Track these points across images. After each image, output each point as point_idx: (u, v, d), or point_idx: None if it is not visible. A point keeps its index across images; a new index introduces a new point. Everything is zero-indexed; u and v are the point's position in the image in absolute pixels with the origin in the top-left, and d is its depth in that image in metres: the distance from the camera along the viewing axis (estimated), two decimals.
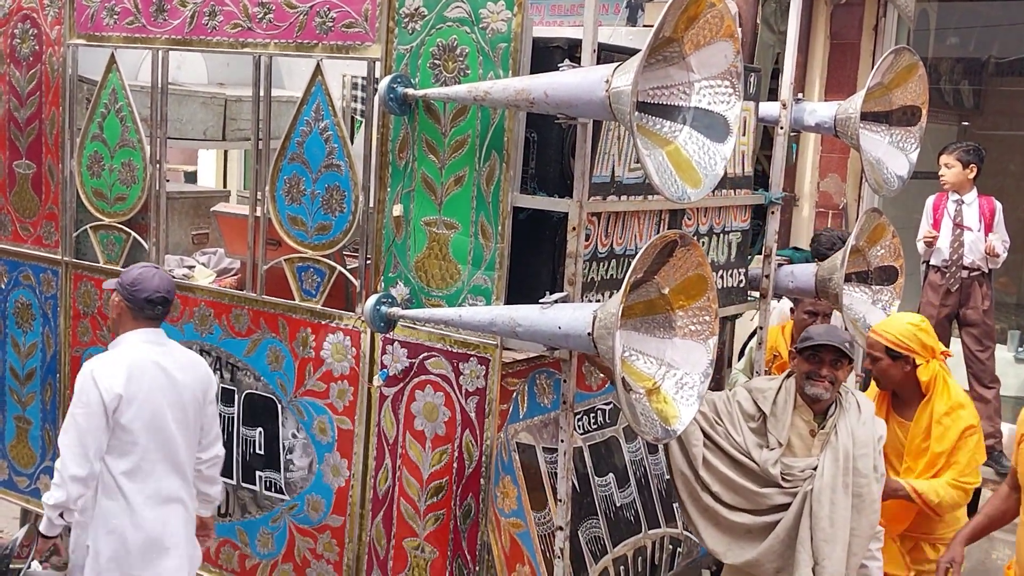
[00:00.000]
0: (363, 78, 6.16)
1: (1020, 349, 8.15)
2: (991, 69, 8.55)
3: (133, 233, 5.16)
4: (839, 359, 4.33)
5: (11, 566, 3.74)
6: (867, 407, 4.41)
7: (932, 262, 6.65)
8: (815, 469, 4.24)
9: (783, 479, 4.26)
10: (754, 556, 4.30)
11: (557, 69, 3.92)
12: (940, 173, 6.62)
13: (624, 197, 4.33)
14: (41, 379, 5.60)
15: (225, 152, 10.91)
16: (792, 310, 5.84)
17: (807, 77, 7.08)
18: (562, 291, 3.98)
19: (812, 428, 4.35)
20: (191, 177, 10.64)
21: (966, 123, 8.96)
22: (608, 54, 3.99)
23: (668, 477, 5.18)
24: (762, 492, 4.29)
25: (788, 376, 4.45)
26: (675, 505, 5.18)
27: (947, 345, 6.76)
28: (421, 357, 4.31)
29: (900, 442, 4.82)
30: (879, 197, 6.95)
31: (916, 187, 5.34)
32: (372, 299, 4.29)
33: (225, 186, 10.67)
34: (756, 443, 4.33)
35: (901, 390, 4.85)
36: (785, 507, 4.26)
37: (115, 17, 5.09)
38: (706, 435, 4.37)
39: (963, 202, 6.58)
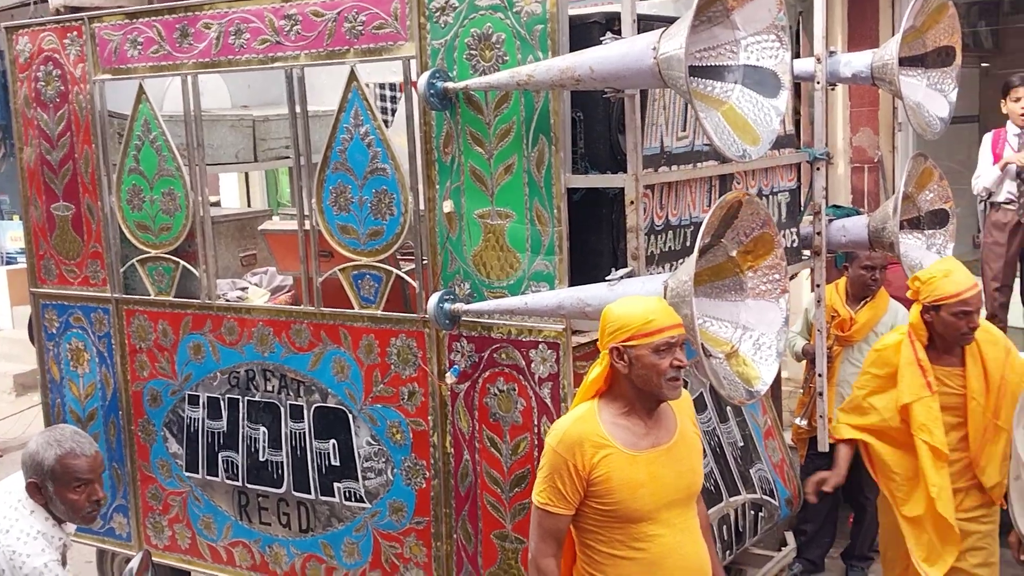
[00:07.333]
0: (386, 84, 6.21)
1: None
2: (1006, 8, 8.49)
3: (182, 262, 5.15)
4: None
5: None
6: None
7: (995, 200, 6.57)
8: None
9: None
10: None
11: (596, 44, 3.90)
12: (1022, 107, 6.55)
13: (674, 167, 4.30)
14: (104, 418, 5.60)
15: (247, 175, 10.94)
16: (846, 267, 5.80)
17: (828, 34, 7.04)
18: (626, 267, 3.96)
19: None
20: (215, 206, 10.65)
21: (986, 64, 8.90)
22: (647, 23, 3.96)
23: (742, 444, 5.17)
24: None
25: None
26: (752, 471, 5.16)
27: (1014, 280, 6.71)
28: (489, 350, 4.29)
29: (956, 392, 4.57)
30: (912, 146, 6.91)
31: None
32: (434, 297, 4.28)
33: (249, 208, 10.70)
34: None
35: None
36: None
37: (139, 48, 5.09)
38: None
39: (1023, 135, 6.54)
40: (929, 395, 4.49)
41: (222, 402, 5.12)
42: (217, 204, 9.90)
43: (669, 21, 3.66)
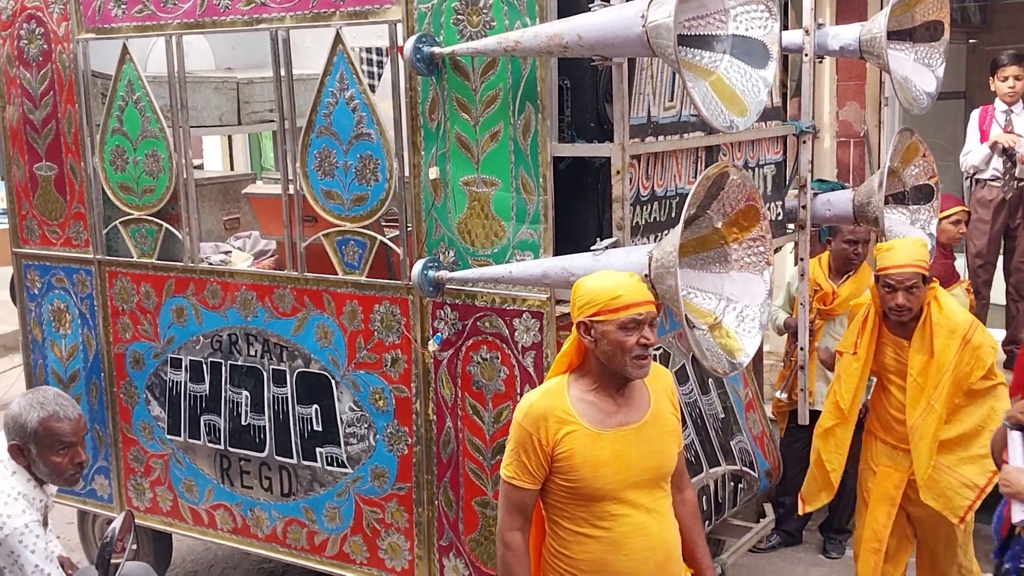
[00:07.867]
0: (372, 49, 6.16)
1: None
2: None
3: (165, 224, 5.12)
4: None
5: (112, 560, 3.71)
6: None
7: (981, 177, 6.56)
8: None
9: None
10: None
11: (585, 11, 3.88)
12: (1009, 87, 6.52)
13: (661, 137, 4.29)
14: (86, 380, 5.58)
15: (229, 138, 10.87)
16: (829, 241, 5.80)
17: (816, 7, 7.02)
18: (611, 237, 3.96)
19: None
20: (198, 169, 10.59)
21: (973, 40, 8.89)
22: None
23: (723, 416, 5.19)
24: None
25: None
26: (733, 443, 5.19)
27: (997, 258, 6.73)
28: (473, 318, 4.29)
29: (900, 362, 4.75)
30: (899, 121, 6.90)
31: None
32: (419, 264, 4.27)
33: (232, 172, 10.65)
34: None
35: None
36: None
37: (123, 7, 5.03)
38: None
39: (1012, 112, 6.51)
40: (851, 354, 4.81)
41: (204, 366, 5.11)
42: (200, 167, 9.86)
43: None
